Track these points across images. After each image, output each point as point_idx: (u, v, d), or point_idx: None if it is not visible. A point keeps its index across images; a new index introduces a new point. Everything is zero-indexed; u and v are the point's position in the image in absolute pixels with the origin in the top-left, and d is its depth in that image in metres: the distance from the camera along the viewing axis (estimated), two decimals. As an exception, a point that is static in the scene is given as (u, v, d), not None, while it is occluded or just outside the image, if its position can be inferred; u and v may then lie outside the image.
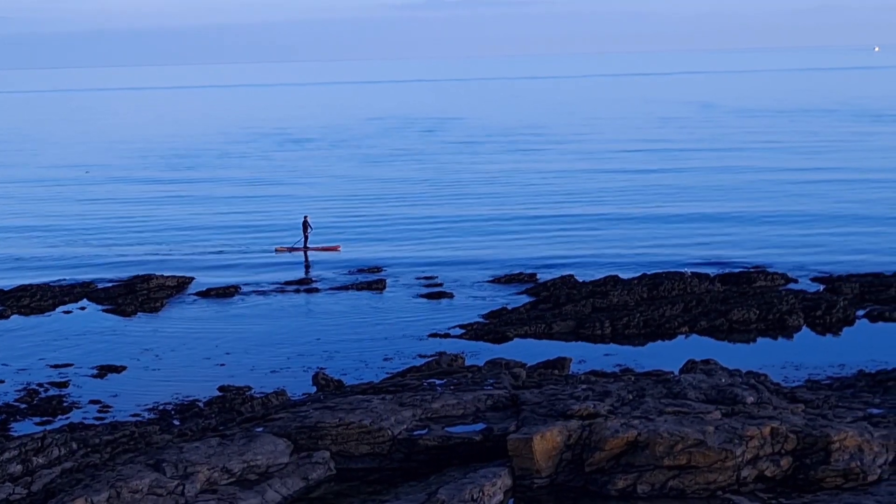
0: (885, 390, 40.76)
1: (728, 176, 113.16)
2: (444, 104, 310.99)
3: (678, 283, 62.85)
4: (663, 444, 31.82)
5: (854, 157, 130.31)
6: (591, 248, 77.83)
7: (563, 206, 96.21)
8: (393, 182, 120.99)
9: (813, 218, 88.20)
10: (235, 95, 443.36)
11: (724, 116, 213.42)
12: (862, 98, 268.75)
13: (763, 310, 57.22)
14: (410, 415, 35.57)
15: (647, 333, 56.04)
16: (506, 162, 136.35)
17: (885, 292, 61.64)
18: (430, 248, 79.89)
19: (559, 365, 47.35)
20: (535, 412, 34.84)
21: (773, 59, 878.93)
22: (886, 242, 77.57)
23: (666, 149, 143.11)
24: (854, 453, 32.04)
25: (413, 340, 55.15)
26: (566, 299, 61.20)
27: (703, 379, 38.09)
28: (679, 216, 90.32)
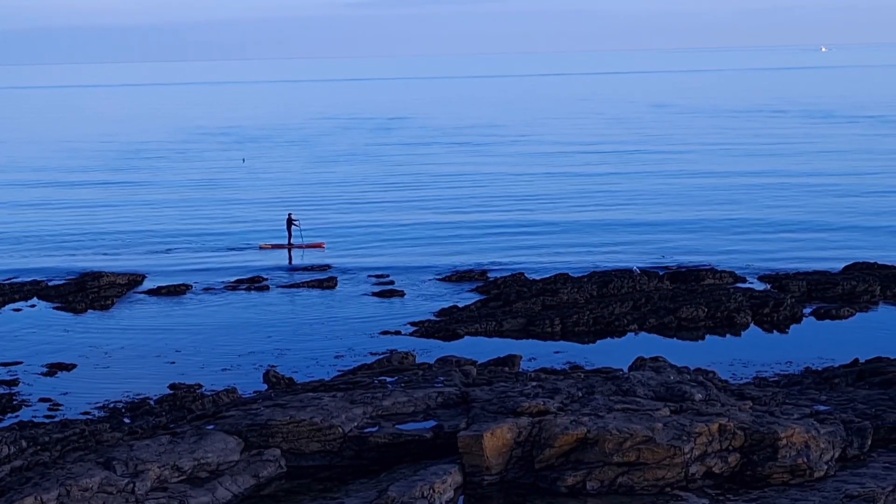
0: (832, 387, 41.15)
1: (678, 180, 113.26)
2: (397, 103, 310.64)
3: (627, 282, 63.19)
4: (612, 441, 32.04)
5: (801, 159, 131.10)
6: (541, 248, 78.00)
7: (512, 208, 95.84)
8: (345, 181, 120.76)
9: (761, 218, 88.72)
10: (185, 94, 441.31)
11: (675, 117, 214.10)
12: (810, 98, 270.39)
13: (711, 308, 57.62)
14: (361, 412, 35.65)
15: (597, 331, 56.30)
16: (457, 161, 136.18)
17: (832, 290, 62.18)
18: (381, 247, 79.92)
19: (509, 362, 47.54)
20: (486, 409, 34.99)
21: (724, 59, 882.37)
22: (832, 241, 78.19)
23: (616, 150, 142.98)
24: (801, 450, 32.36)
25: (364, 338, 55.17)
26: (516, 297, 61.38)
27: (652, 376, 38.36)
28: (628, 218, 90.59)
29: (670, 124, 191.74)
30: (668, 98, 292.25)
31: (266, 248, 79.76)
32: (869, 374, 41.94)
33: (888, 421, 35.16)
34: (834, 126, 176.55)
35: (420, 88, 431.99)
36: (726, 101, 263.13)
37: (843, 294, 61.83)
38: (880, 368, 42.34)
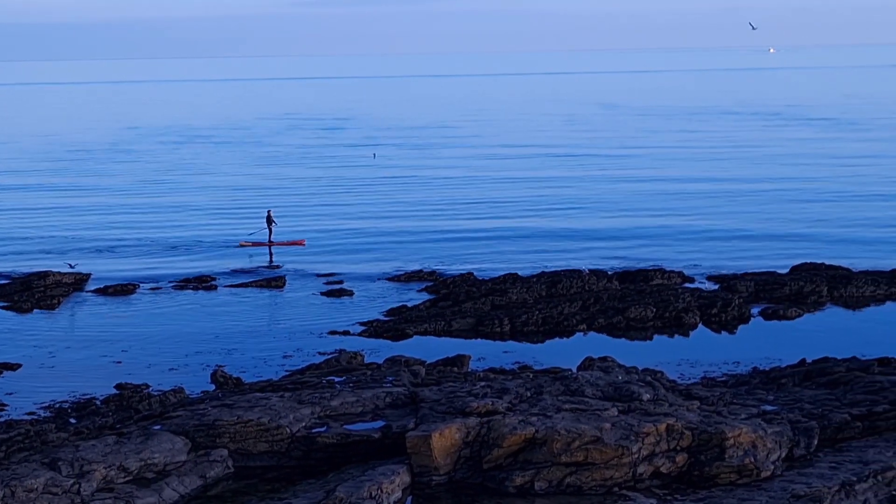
0: (779, 387, 41.32)
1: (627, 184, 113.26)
2: (344, 102, 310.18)
3: (576, 281, 63.30)
4: (561, 441, 32.07)
5: (749, 162, 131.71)
6: (490, 250, 78.05)
7: (463, 212, 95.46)
8: (291, 180, 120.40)
9: (709, 219, 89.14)
10: (133, 92, 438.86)
11: (626, 118, 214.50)
12: (758, 100, 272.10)
13: (660, 308, 57.81)
14: (309, 412, 35.53)
15: (546, 331, 56.37)
16: (407, 164, 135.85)
17: (780, 290, 62.54)
18: (330, 247, 79.71)
19: (458, 362, 47.54)
20: (434, 409, 34.95)
21: (675, 60, 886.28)
22: (780, 242, 78.62)
23: (568, 154, 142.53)
24: (748, 449, 32.50)
25: (313, 338, 55.03)
26: (466, 297, 61.39)
27: (601, 376, 38.42)
28: (578, 220, 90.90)
29: (622, 125, 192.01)
30: (620, 98, 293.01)
31: (246, 246, 79.51)
32: (816, 375, 42.13)
33: (834, 421, 35.34)
34: (781, 129, 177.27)
35: (370, 88, 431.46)
36: (677, 102, 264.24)
37: (790, 294, 62.20)
38: (827, 368, 42.55)
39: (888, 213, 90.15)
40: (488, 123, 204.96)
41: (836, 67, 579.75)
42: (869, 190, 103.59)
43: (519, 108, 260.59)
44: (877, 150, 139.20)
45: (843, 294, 62.57)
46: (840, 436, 35.11)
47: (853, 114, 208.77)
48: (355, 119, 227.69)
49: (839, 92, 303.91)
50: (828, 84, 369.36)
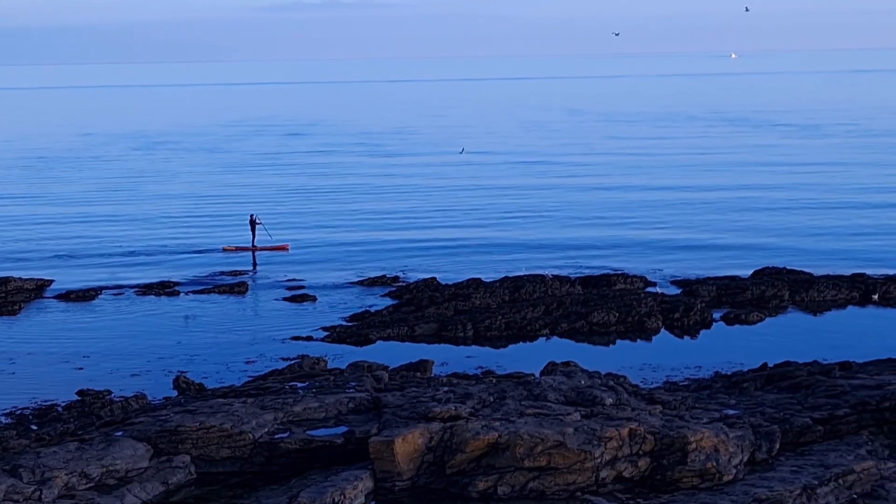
0: (741, 391, 41.48)
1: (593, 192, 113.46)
2: (308, 107, 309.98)
3: (539, 286, 63.42)
4: (523, 446, 32.10)
5: (711, 166, 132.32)
6: (452, 252, 78.11)
7: (425, 219, 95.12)
8: (254, 186, 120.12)
9: (672, 225, 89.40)
10: (96, 97, 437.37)
11: (590, 123, 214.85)
12: (720, 105, 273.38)
13: (622, 312, 57.95)
14: (272, 418, 35.47)
15: (509, 336, 56.44)
16: (370, 171, 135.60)
17: (742, 295, 62.83)
18: (292, 253, 79.53)
19: (421, 367, 47.53)
20: (397, 415, 34.95)
21: (639, 65, 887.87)
22: (742, 247, 78.88)
23: (531, 160, 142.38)
24: (710, 454, 32.60)
25: (275, 343, 54.93)
26: (429, 302, 61.40)
27: (563, 381, 38.49)
28: (541, 225, 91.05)
29: (587, 132, 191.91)
30: (584, 104, 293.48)
31: (230, 251, 79.36)
32: (777, 378, 42.32)
33: (796, 424, 35.50)
34: (745, 135, 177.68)
35: (332, 93, 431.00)
36: (641, 108, 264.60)
37: (752, 299, 62.49)
38: (788, 372, 42.75)
39: (850, 218, 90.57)
40: (451, 129, 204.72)
41: (798, 73, 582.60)
42: (831, 195, 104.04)
43: (482, 113, 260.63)
44: (838, 156, 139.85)
45: (805, 298, 62.89)
46: (801, 439, 35.27)
47: (816, 119, 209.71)
48: (316, 125, 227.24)
49: (802, 97, 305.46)
50: (790, 89, 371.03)
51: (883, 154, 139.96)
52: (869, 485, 32.28)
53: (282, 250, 79.62)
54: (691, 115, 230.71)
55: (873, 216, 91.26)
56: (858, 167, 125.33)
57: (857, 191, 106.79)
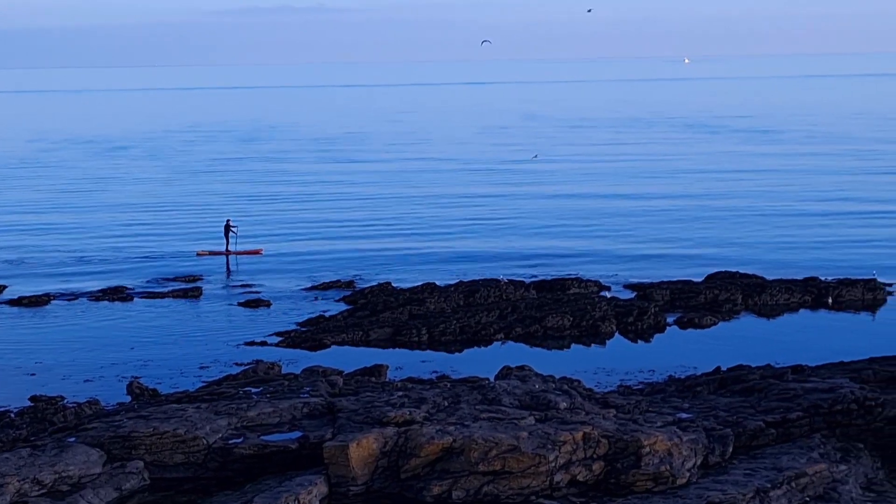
0: (694, 395, 41.66)
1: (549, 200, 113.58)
2: (261, 112, 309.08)
3: (494, 291, 63.51)
4: (478, 450, 32.12)
5: (665, 171, 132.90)
6: (407, 257, 78.08)
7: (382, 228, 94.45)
8: (208, 192, 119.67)
9: (625, 229, 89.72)
10: (50, 102, 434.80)
11: (547, 129, 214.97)
12: (673, 110, 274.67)
13: (577, 316, 58.11)
14: (226, 423, 35.36)
15: (464, 340, 56.50)
16: (324, 178, 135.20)
17: (695, 299, 63.13)
18: (247, 258, 79.26)
19: (376, 372, 47.50)
20: (352, 419, 34.90)
21: (595, 70, 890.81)
22: (695, 251, 79.22)
23: (486, 167, 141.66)
24: (664, 457, 32.70)
25: (229, 348, 54.80)
26: (383, 306, 61.38)
27: (518, 385, 38.55)
28: (496, 230, 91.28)
29: (542, 137, 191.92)
30: (539, 109, 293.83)
31: (203, 255, 79.14)
32: (730, 382, 42.53)
33: (749, 428, 35.67)
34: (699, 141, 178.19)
35: (286, 98, 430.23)
36: (597, 114, 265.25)
37: (705, 303, 62.81)
38: (741, 376, 42.97)
39: (803, 223, 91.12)
40: (406, 135, 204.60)
41: (751, 78, 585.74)
42: (783, 200, 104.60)
43: (437, 118, 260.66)
44: (791, 162, 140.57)
45: (758, 302, 63.25)
46: (754, 443, 35.45)
47: (770, 124, 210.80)
48: (270, 130, 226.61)
49: (756, 102, 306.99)
50: (744, 94, 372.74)
51: (835, 160, 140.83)
52: (821, 487, 32.51)
53: (255, 254, 79.45)
54: (645, 120, 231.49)
55: (826, 221, 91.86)
56: (811, 173, 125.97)
57: (810, 196, 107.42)
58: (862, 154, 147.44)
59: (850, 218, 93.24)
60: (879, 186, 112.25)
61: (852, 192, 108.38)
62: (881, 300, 64.24)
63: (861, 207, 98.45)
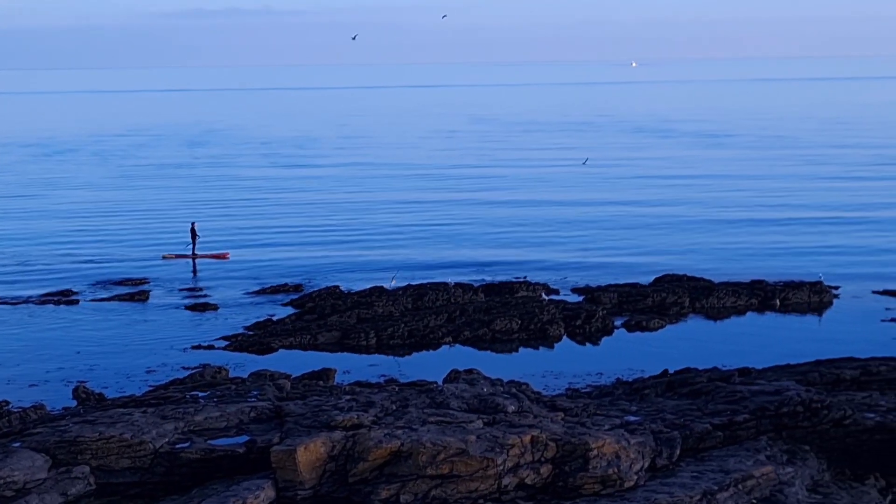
0: (642, 398, 41.75)
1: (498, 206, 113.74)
2: (209, 115, 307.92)
3: (442, 294, 63.52)
4: (426, 454, 32.06)
5: (615, 174, 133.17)
6: (356, 261, 77.98)
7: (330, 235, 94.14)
8: (155, 196, 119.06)
9: (573, 232, 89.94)
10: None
11: (494, 132, 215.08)
12: (621, 113, 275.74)
13: (525, 320, 58.18)
14: (173, 428, 35.14)
15: (412, 344, 56.48)
16: (271, 178, 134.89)
17: (643, 302, 63.34)
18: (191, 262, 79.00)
19: (324, 376, 47.41)
20: (299, 424, 34.78)
21: (541, 73, 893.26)
22: (642, 254, 79.51)
23: (433, 172, 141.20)
24: (611, 460, 32.75)
25: (177, 352, 54.55)
26: (331, 310, 61.28)
27: (466, 388, 38.52)
28: (443, 234, 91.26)
29: (489, 142, 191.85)
30: (487, 113, 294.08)
31: (170, 258, 78.83)
32: (678, 385, 42.67)
33: (696, 430, 35.78)
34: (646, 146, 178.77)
35: (233, 100, 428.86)
36: (547, 117, 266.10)
37: (653, 306, 63.04)
38: (689, 379, 43.11)
39: (749, 226, 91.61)
40: (354, 139, 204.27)
41: (698, 81, 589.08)
42: (730, 205, 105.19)
43: (385, 122, 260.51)
44: (738, 166, 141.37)
45: (705, 305, 63.56)
46: (702, 445, 35.55)
47: (716, 128, 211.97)
48: (217, 133, 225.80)
49: (702, 106, 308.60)
50: (691, 98, 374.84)
51: (784, 164, 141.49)
52: (768, 489, 32.66)
53: (222, 258, 79.15)
54: (595, 124, 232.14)
55: (773, 225, 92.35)
56: (760, 178, 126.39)
57: (756, 200, 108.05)
58: (810, 158, 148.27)
59: (798, 222, 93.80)
60: (826, 191, 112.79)
61: (799, 197, 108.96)
62: (827, 302, 64.69)
63: (808, 213, 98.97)
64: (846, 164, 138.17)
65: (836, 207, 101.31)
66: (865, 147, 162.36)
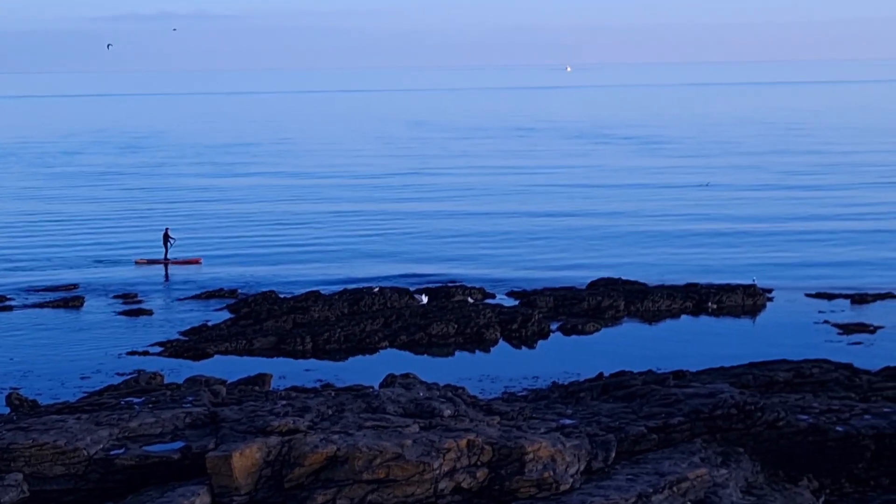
0: (577, 401, 41.90)
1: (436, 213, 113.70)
2: (143, 120, 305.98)
3: (379, 299, 63.52)
4: (362, 459, 32.03)
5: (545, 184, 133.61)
6: (293, 265, 77.82)
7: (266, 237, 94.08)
8: (89, 201, 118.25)
9: (508, 235, 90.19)
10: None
11: (432, 136, 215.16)
12: (556, 117, 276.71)
13: (461, 324, 58.28)
14: (107, 434, 34.90)
15: (348, 348, 56.46)
16: (208, 185, 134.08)
17: (578, 305, 63.60)
18: (128, 265, 78.53)
19: (260, 381, 47.23)
20: (235, 429, 34.64)
21: (477, 77, 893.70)
22: (579, 258, 79.82)
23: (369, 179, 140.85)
24: (547, 463, 32.84)
25: (111, 358, 54.23)
26: (267, 315, 61.13)
27: (402, 393, 38.50)
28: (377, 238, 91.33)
29: (426, 148, 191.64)
30: (427, 117, 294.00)
31: (142, 264, 78.35)
32: (613, 388, 42.85)
33: (631, 433, 35.95)
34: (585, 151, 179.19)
35: (167, 105, 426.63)
36: (480, 121, 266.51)
37: (588, 309, 63.33)
38: (624, 382, 43.32)
39: (683, 232, 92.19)
40: (291, 143, 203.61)
41: (632, 85, 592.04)
42: (665, 209, 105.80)
43: (322, 127, 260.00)
44: (671, 170, 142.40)
45: (640, 308, 63.93)
46: (637, 448, 35.72)
47: (657, 134, 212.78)
48: (152, 138, 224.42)
49: (643, 111, 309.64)
50: (630, 103, 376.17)
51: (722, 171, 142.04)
52: (702, 491, 32.87)
53: (194, 264, 78.81)
54: (533, 129, 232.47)
55: (706, 229, 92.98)
56: (691, 184, 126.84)
57: (690, 204, 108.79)
58: (750, 164, 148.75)
59: (734, 225, 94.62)
60: (762, 199, 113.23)
61: (735, 203, 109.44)
62: (761, 305, 65.24)
63: (744, 217, 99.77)
64: (783, 171, 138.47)
65: (772, 213, 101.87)
66: (805, 154, 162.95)
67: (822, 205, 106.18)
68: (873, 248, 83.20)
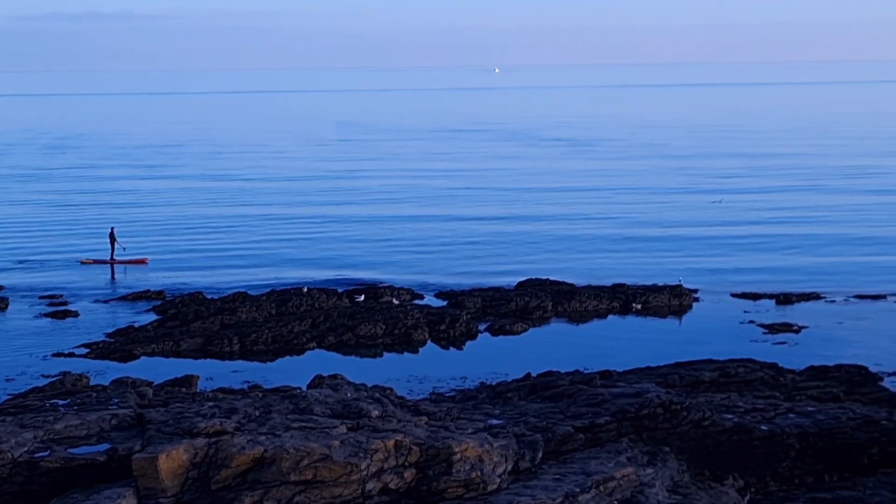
0: (505, 401, 42.03)
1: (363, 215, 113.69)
2: (67, 120, 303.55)
3: (306, 300, 63.39)
4: (289, 460, 31.96)
5: (475, 178, 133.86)
6: (221, 269, 77.50)
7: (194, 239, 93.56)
8: (11, 202, 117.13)
9: (438, 239, 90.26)
10: None
11: (365, 139, 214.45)
12: (485, 118, 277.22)
13: (389, 325, 58.29)
14: (32, 436, 34.62)
15: (276, 349, 56.31)
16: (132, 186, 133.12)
17: (506, 306, 63.77)
18: (53, 267, 77.89)
19: (187, 382, 47.06)
20: (161, 431, 34.46)
21: (404, 79, 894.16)
22: (508, 261, 80.00)
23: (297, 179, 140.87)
24: (475, 463, 32.91)
25: (36, 360, 53.76)
26: (194, 316, 60.84)
27: (330, 394, 38.47)
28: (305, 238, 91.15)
29: (362, 147, 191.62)
30: (356, 118, 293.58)
31: (88, 263, 77.65)
32: (540, 388, 43.02)
33: (558, 433, 36.10)
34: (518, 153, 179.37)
35: (93, 106, 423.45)
36: (410, 122, 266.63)
37: (516, 310, 63.51)
38: (551, 382, 43.50)
39: (611, 230, 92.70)
40: (219, 145, 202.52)
41: (561, 87, 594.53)
42: (591, 210, 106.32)
43: (251, 127, 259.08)
44: (599, 171, 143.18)
45: (567, 309, 64.22)
46: (564, 448, 35.87)
47: (587, 135, 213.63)
48: (76, 138, 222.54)
49: (564, 111, 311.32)
50: (558, 105, 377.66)
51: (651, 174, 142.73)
52: (629, 491, 33.05)
53: (140, 263, 78.21)
54: (463, 131, 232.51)
55: (632, 230, 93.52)
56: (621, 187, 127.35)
57: (617, 205, 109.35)
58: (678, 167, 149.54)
59: (658, 225, 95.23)
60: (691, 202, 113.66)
61: (664, 206, 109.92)
62: (687, 306, 65.70)
63: (671, 220, 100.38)
64: (711, 174, 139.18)
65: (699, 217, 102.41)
66: (733, 157, 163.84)
67: (751, 208, 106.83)
68: (800, 252, 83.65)
